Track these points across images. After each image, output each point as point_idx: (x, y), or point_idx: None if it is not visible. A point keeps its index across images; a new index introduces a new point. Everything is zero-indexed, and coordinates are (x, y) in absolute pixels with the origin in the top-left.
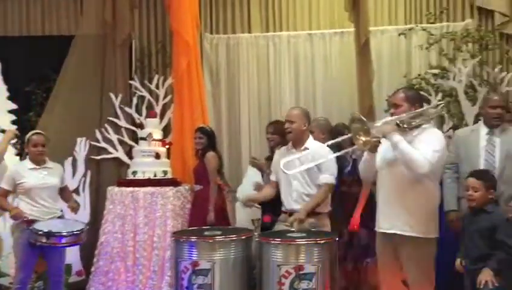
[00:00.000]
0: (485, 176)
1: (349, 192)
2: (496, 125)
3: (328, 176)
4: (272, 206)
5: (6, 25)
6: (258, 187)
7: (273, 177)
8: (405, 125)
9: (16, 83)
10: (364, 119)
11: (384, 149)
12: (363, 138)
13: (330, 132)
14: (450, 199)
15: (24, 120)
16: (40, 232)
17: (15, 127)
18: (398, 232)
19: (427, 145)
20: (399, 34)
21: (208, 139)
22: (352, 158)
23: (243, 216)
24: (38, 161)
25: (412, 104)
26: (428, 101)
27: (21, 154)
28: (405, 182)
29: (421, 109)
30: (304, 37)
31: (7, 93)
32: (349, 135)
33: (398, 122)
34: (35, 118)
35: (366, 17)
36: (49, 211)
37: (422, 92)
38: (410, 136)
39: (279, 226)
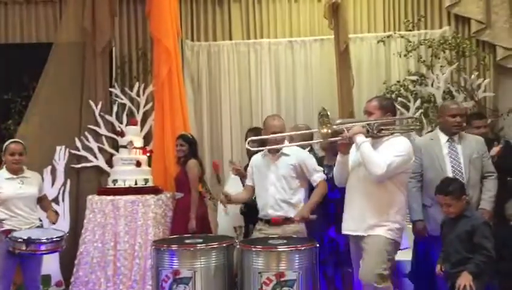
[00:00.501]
0: (451, 189)
1: (330, 197)
2: (455, 133)
3: (321, 174)
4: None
5: None
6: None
7: (248, 182)
8: (374, 131)
9: None
10: (329, 113)
11: (354, 152)
12: (325, 130)
13: (310, 139)
14: (415, 209)
15: (2, 128)
16: (20, 240)
17: None
18: (361, 234)
19: (388, 150)
20: (378, 41)
21: (190, 147)
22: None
23: (225, 224)
24: (15, 170)
25: (384, 113)
26: (408, 107)
27: None
28: (369, 185)
29: (392, 118)
30: (285, 44)
31: None
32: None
33: (366, 126)
34: (14, 127)
35: (346, 25)
36: (27, 221)
37: (401, 98)
38: (378, 142)
39: (256, 234)
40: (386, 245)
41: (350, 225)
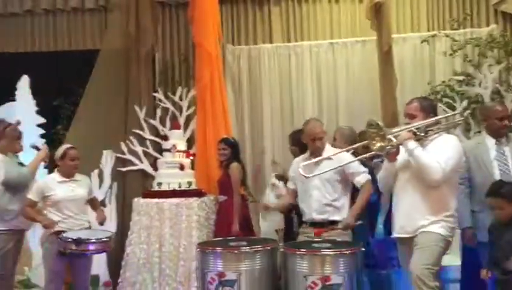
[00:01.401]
0: (503, 191)
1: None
2: (502, 135)
3: (364, 175)
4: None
5: (34, 41)
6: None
7: (290, 186)
8: (422, 134)
9: (44, 97)
10: (381, 124)
11: (401, 157)
12: (379, 144)
13: (354, 142)
14: (464, 215)
15: (52, 134)
16: (70, 240)
17: (43, 140)
18: (411, 235)
19: (441, 152)
20: (422, 41)
21: (232, 150)
22: (371, 167)
23: (267, 226)
24: (69, 174)
25: (427, 114)
26: (454, 108)
27: (49, 167)
28: (418, 187)
29: (437, 118)
30: (326, 46)
31: (36, 108)
32: (365, 142)
33: (414, 130)
34: (63, 132)
35: (389, 25)
36: (77, 223)
37: (446, 99)
38: (425, 143)
39: (300, 237)
40: (438, 241)
41: (399, 228)
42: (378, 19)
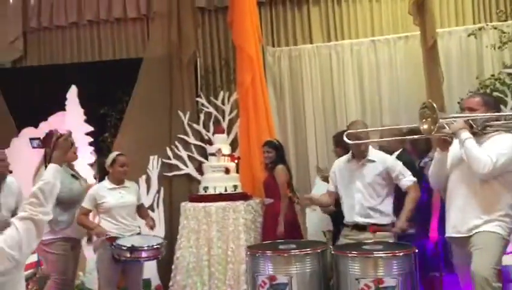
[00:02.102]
0: None
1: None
2: None
3: (410, 177)
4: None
5: (79, 52)
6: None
7: (331, 188)
8: (479, 128)
9: (91, 106)
10: (435, 106)
11: (455, 152)
12: (427, 125)
13: (403, 141)
14: None
15: (100, 141)
16: (124, 248)
17: (92, 148)
18: (465, 235)
19: (494, 147)
20: (468, 35)
21: (276, 153)
22: (420, 166)
23: (314, 228)
24: (119, 181)
25: (488, 110)
26: (505, 103)
27: (98, 174)
28: (473, 184)
29: (498, 114)
30: (367, 44)
31: (84, 117)
32: (415, 125)
33: (471, 122)
34: (110, 139)
35: (433, 19)
36: (129, 229)
37: (497, 93)
38: (481, 139)
39: (343, 240)
40: (498, 240)
41: (452, 227)
42: (421, 14)
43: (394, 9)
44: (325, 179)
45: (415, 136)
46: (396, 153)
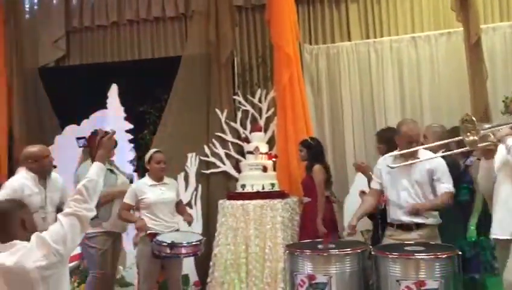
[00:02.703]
0: None
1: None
2: None
3: (448, 185)
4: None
5: (120, 51)
6: (362, 195)
7: (375, 185)
8: None
9: (130, 104)
10: (474, 119)
11: (500, 155)
12: (472, 137)
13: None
14: None
15: (139, 139)
16: (164, 244)
17: (132, 145)
18: (508, 238)
19: None
20: None
21: (308, 151)
22: (465, 164)
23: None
24: (159, 177)
25: None
26: None
27: (138, 171)
28: None
29: None
30: (407, 40)
31: (124, 114)
32: (458, 138)
33: None
34: (150, 136)
35: (476, 15)
36: (168, 225)
37: None
38: None
39: (387, 240)
40: None
41: (496, 229)
42: (465, 9)
43: (435, 5)
44: (360, 169)
45: (463, 149)
46: (440, 152)
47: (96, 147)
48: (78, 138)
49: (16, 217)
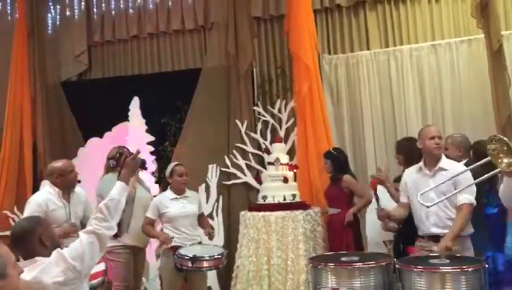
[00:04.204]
0: None
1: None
2: None
3: (469, 196)
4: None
5: (140, 64)
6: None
7: (403, 199)
8: None
9: (151, 116)
10: (505, 139)
11: None
12: (506, 160)
13: (469, 150)
14: None
15: (160, 150)
16: (186, 257)
17: (154, 157)
18: None
19: None
20: None
21: (333, 162)
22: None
23: (374, 237)
24: (180, 190)
25: None
26: None
27: (160, 182)
28: None
29: None
30: (428, 48)
31: (145, 127)
32: (487, 159)
33: None
34: (171, 148)
35: (497, 22)
36: (190, 238)
37: None
38: None
39: (421, 252)
40: None
41: None
42: (485, 16)
43: (455, 12)
44: (379, 181)
45: (491, 174)
46: (463, 161)
47: (121, 166)
48: (110, 159)
49: (34, 235)
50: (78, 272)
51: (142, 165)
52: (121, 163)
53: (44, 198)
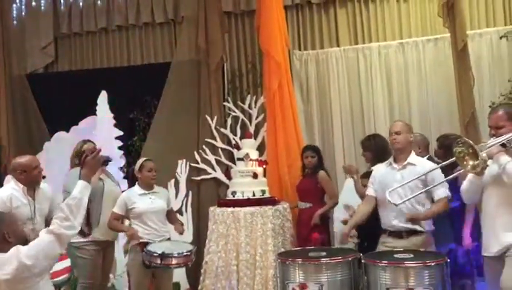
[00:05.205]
0: None
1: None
2: None
3: (445, 189)
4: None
5: (109, 57)
6: (348, 209)
7: (370, 192)
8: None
9: (120, 110)
10: (470, 142)
11: (489, 170)
12: (471, 162)
13: (427, 147)
14: None
15: (129, 145)
16: (155, 254)
17: (122, 152)
18: (497, 255)
19: None
20: (500, 37)
21: (318, 157)
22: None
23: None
24: (149, 186)
25: None
26: None
27: (128, 177)
28: (507, 202)
29: None
30: (395, 46)
31: (113, 121)
32: (453, 159)
33: (505, 142)
34: (139, 143)
35: (463, 21)
36: (159, 234)
37: None
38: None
39: (380, 247)
40: None
41: (486, 246)
42: (451, 16)
43: (423, 11)
44: (346, 170)
45: (457, 173)
46: (425, 158)
47: (81, 165)
48: (75, 153)
49: None
50: (29, 271)
51: (105, 162)
52: (81, 162)
53: (8, 194)
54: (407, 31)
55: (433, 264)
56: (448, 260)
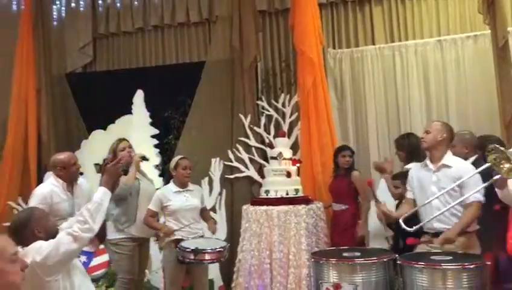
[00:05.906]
0: None
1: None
2: None
3: (477, 194)
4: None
5: (144, 56)
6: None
7: (409, 195)
8: None
9: (155, 109)
10: (501, 148)
11: None
12: (507, 165)
13: (475, 147)
14: None
15: (164, 143)
16: (188, 250)
17: (157, 150)
18: None
19: None
20: None
21: (352, 158)
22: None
23: (376, 233)
24: (184, 184)
25: None
26: None
27: (163, 175)
28: None
29: None
30: (433, 44)
31: (149, 120)
32: (489, 164)
33: None
34: (174, 141)
35: (504, 17)
36: (192, 231)
37: None
38: None
39: (424, 247)
40: None
41: None
42: (492, 12)
43: (462, 7)
44: (377, 168)
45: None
46: (472, 159)
47: (102, 172)
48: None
49: (27, 228)
50: (39, 267)
51: (142, 160)
52: (102, 169)
53: (49, 190)
54: (445, 28)
55: (472, 267)
56: (488, 263)
